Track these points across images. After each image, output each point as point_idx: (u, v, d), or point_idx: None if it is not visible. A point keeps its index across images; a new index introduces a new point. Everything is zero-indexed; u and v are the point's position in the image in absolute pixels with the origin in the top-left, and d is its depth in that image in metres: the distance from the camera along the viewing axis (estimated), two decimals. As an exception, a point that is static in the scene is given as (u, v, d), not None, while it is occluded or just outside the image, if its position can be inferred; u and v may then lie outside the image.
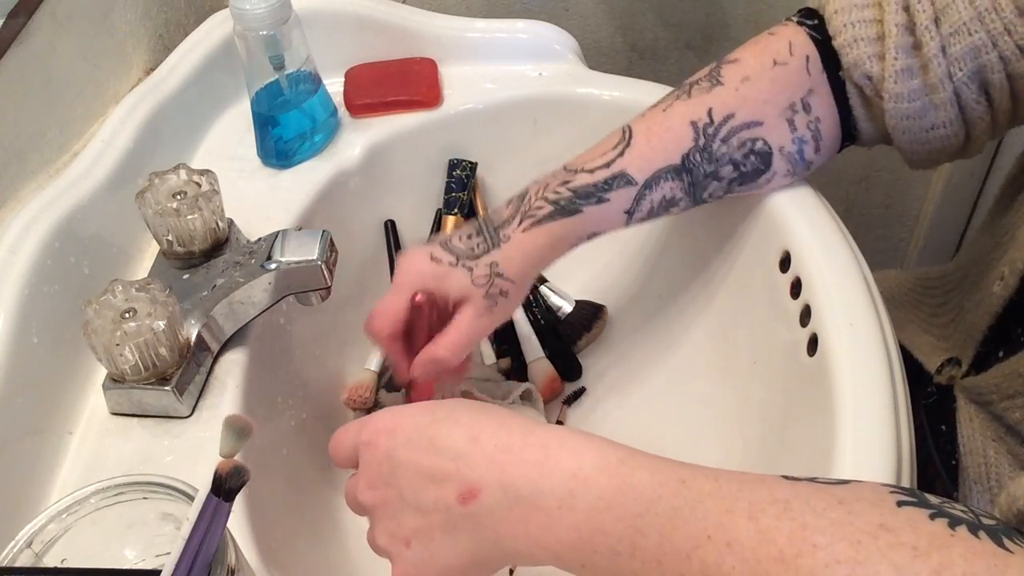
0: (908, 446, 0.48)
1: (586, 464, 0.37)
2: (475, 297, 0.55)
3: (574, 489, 0.37)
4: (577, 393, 0.72)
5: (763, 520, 0.33)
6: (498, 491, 0.38)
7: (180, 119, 0.71)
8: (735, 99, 0.56)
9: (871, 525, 0.32)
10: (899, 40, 0.53)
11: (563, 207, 0.56)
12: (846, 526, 0.32)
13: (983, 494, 0.56)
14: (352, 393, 0.70)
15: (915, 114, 0.54)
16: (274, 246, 0.57)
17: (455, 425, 0.40)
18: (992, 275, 0.56)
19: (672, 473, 0.36)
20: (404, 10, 0.78)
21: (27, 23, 0.58)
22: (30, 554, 0.38)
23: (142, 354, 0.52)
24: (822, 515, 0.33)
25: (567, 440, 0.38)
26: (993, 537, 0.31)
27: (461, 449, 0.39)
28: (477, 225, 0.57)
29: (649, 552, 0.35)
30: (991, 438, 0.56)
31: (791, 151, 0.57)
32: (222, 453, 0.38)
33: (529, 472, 0.38)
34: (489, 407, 0.42)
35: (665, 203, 0.57)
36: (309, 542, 0.59)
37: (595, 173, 0.56)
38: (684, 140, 0.56)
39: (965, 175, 1.08)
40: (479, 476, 0.38)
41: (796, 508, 0.34)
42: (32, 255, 0.54)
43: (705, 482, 0.36)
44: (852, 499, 0.34)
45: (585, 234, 0.57)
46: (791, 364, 0.56)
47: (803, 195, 0.60)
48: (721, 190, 0.58)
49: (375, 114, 0.75)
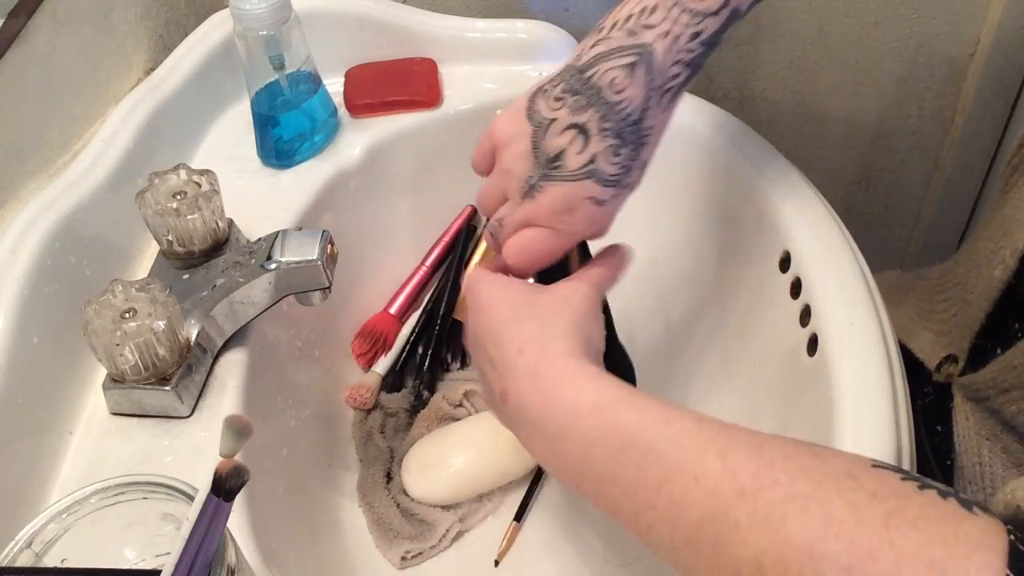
0: (908, 446, 0.48)
1: (583, 403, 0.41)
2: None
3: (568, 424, 0.41)
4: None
5: (731, 457, 0.36)
6: (517, 407, 0.44)
7: (180, 119, 0.71)
8: None
9: (838, 472, 0.34)
10: None
11: (695, 65, 0.47)
12: (812, 469, 0.34)
13: (977, 494, 0.57)
14: (353, 392, 0.70)
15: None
16: (274, 246, 0.57)
17: (517, 330, 0.45)
18: (993, 261, 0.56)
19: (660, 414, 0.39)
20: (404, 10, 0.78)
21: (27, 23, 0.58)
22: (30, 554, 0.38)
23: (142, 354, 0.52)
24: (791, 458, 0.35)
25: (578, 379, 0.42)
26: (962, 504, 0.32)
27: (510, 356, 0.44)
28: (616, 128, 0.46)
29: (627, 482, 0.38)
30: (986, 437, 0.57)
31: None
32: (222, 453, 0.38)
33: (538, 401, 0.42)
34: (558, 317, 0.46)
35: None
36: (309, 542, 0.59)
37: (719, 15, 0.46)
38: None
39: (965, 175, 1.08)
40: (510, 385, 0.44)
41: (768, 450, 0.35)
42: (32, 255, 0.54)
43: (688, 422, 0.38)
44: (828, 454, 0.35)
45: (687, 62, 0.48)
46: (791, 364, 0.56)
47: (803, 195, 0.60)
48: None
49: (375, 114, 0.75)
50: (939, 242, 1.15)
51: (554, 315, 0.46)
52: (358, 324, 0.74)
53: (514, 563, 0.64)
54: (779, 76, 0.97)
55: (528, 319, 0.46)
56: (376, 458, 0.68)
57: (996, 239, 0.58)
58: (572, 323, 0.46)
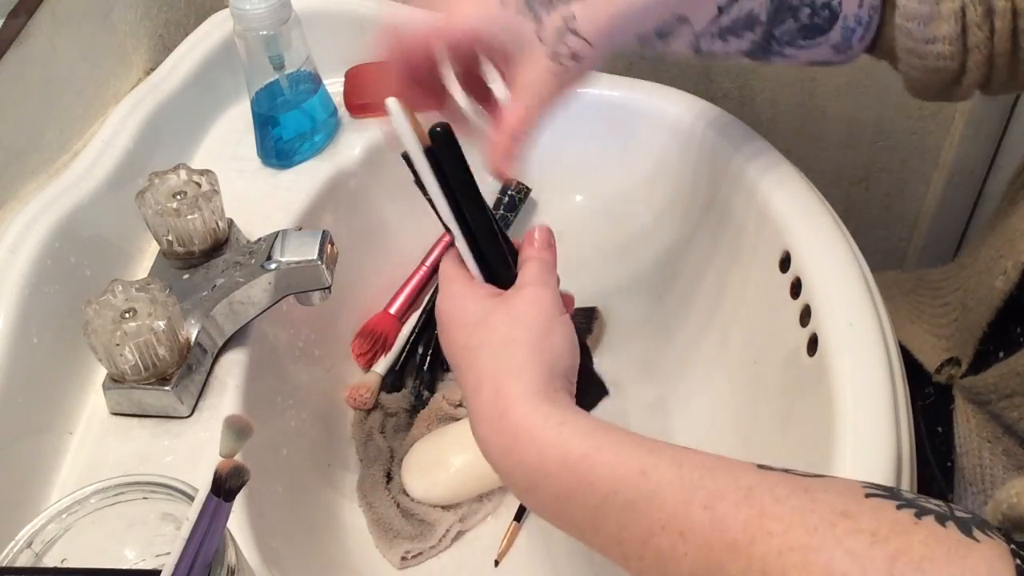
0: (908, 446, 0.48)
1: (549, 460, 0.38)
2: (536, 53, 0.46)
3: (537, 482, 0.39)
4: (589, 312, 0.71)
5: (719, 508, 0.34)
6: (482, 449, 0.41)
7: (180, 119, 0.71)
8: None
9: (832, 513, 0.32)
10: None
11: None
12: (806, 513, 0.32)
13: (978, 495, 0.57)
14: (353, 392, 0.70)
15: (921, 17, 0.52)
16: (274, 246, 0.57)
17: (473, 364, 0.42)
18: (995, 271, 0.56)
19: (635, 464, 0.37)
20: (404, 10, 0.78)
21: (27, 23, 0.58)
22: (30, 554, 0.38)
23: (142, 354, 0.52)
24: (783, 502, 0.33)
25: (536, 431, 0.39)
26: (961, 527, 0.31)
27: (468, 390, 0.42)
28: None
29: (609, 534, 0.37)
30: (987, 439, 0.57)
31: (850, 26, 0.55)
32: (222, 453, 0.38)
33: (499, 455, 0.40)
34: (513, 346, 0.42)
35: (748, 20, 0.53)
36: (309, 542, 0.59)
37: None
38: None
39: (965, 175, 1.08)
40: (474, 424, 0.41)
41: (757, 496, 0.33)
42: (32, 255, 0.54)
43: (667, 470, 0.36)
44: (818, 488, 0.34)
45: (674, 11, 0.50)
46: (791, 364, 0.56)
47: (803, 195, 0.60)
48: (789, 34, 0.55)
49: (375, 114, 0.75)
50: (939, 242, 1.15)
51: (509, 343, 0.42)
52: (358, 324, 0.74)
53: (514, 563, 0.63)
54: (779, 76, 0.97)
55: (480, 349, 0.42)
56: (376, 458, 0.68)
57: (998, 247, 0.58)
58: (530, 350, 0.42)
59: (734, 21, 0.53)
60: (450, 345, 0.45)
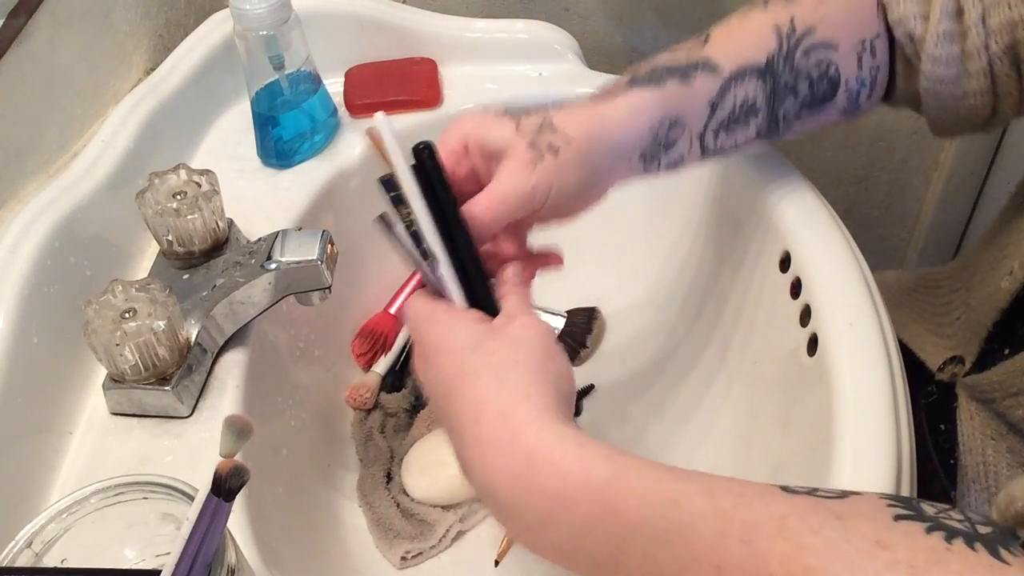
0: (908, 446, 0.48)
1: (571, 485, 0.35)
2: (517, 146, 0.46)
3: (556, 513, 0.35)
4: (585, 390, 0.72)
5: (757, 542, 0.32)
6: (483, 486, 0.38)
7: (180, 119, 0.71)
8: (814, 16, 0.54)
9: (867, 542, 0.31)
10: (944, 3, 0.52)
11: (643, 78, 0.51)
12: (842, 545, 0.31)
13: (980, 493, 0.56)
14: (353, 392, 0.70)
15: (949, 79, 0.53)
16: (274, 246, 0.57)
17: (470, 390, 0.39)
18: (1000, 271, 0.56)
19: (664, 493, 0.34)
20: (404, 10, 0.78)
21: (27, 23, 0.58)
22: (30, 554, 0.38)
23: (142, 354, 0.52)
24: (818, 533, 0.32)
25: (555, 453, 0.36)
26: (990, 548, 0.31)
27: (465, 423, 0.38)
28: None
29: (632, 569, 0.34)
30: (990, 436, 0.56)
31: (853, 88, 0.56)
32: (222, 453, 0.38)
33: (512, 484, 0.36)
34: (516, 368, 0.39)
35: (746, 108, 0.54)
36: (309, 542, 0.59)
37: (676, 55, 0.52)
38: (768, 42, 0.53)
39: (965, 175, 1.08)
40: (471, 461, 0.38)
41: (792, 526, 0.32)
42: (32, 255, 0.54)
43: (699, 500, 0.34)
44: (849, 515, 0.33)
45: (663, 115, 0.51)
46: (791, 364, 0.56)
47: (803, 195, 0.60)
48: (793, 111, 0.56)
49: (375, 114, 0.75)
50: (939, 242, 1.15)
51: (512, 364, 0.40)
52: (358, 324, 0.74)
53: (514, 563, 0.63)
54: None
55: (479, 373, 0.39)
56: (376, 458, 0.68)
57: (1003, 247, 0.58)
58: (534, 371, 0.39)
59: (731, 113, 0.53)
60: (439, 374, 0.41)
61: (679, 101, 0.51)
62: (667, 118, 0.51)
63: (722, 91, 0.52)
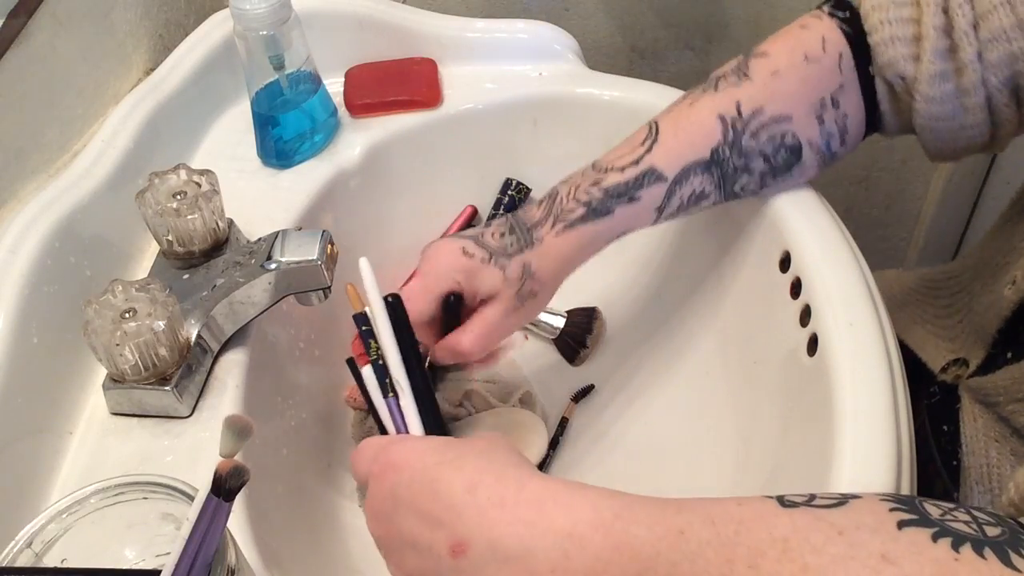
0: (908, 446, 0.48)
1: (581, 522, 0.36)
2: (505, 295, 0.56)
3: (569, 551, 0.36)
4: (585, 390, 0.72)
5: (763, 566, 0.33)
6: (487, 549, 0.37)
7: (180, 119, 0.71)
8: (764, 94, 0.55)
9: (873, 557, 0.31)
10: (936, 43, 0.51)
11: (595, 208, 0.56)
12: (848, 562, 0.31)
13: (984, 495, 0.56)
14: (353, 392, 0.70)
15: (946, 116, 0.54)
16: (274, 246, 0.57)
17: (458, 472, 0.39)
18: (1004, 278, 0.56)
19: (670, 524, 0.35)
20: (404, 10, 0.78)
21: (27, 23, 0.59)
22: (30, 554, 0.38)
23: (142, 354, 0.52)
24: (822, 552, 0.32)
25: (561, 495, 0.37)
26: (999, 554, 0.30)
27: (457, 499, 0.38)
28: (509, 224, 0.57)
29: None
30: (994, 438, 0.56)
31: (819, 144, 0.57)
32: (222, 453, 0.38)
33: (520, 531, 0.37)
34: (501, 450, 0.41)
35: (695, 197, 0.57)
36: (309, 542, 0.59)
37: (625, 172, 0.56)
38: (712, 134, 0.56)
39: (965, 175, 1.08)
40: (468, 531, 0.38)
41: (795, 547, 0.33)
42: (32, 255, 0.54)
43: (703, 529, 0.35)
44: (851, 527, 0.33)
45: (616, 234, 0.57)
46: (791, 364, 0.56)
47: (803, 195, 0.60)
48: (753, 183, 0.58)
49: (375, 114, 0.75)
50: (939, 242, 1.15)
51: (494, 448, 0.41)
52: (358, 324, 0.74)
53: None
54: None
55: (465, 457, 0.40)
56: (376, 458, 0.68)
57: (1005, 253, 0.58)
58: (516, 454, 0.41)
59: (680, 206, 0.57)
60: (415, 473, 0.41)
61: (628, 218, 0.56)
62: (618, 233, 0.57)
63: (668, 195, 0.56)
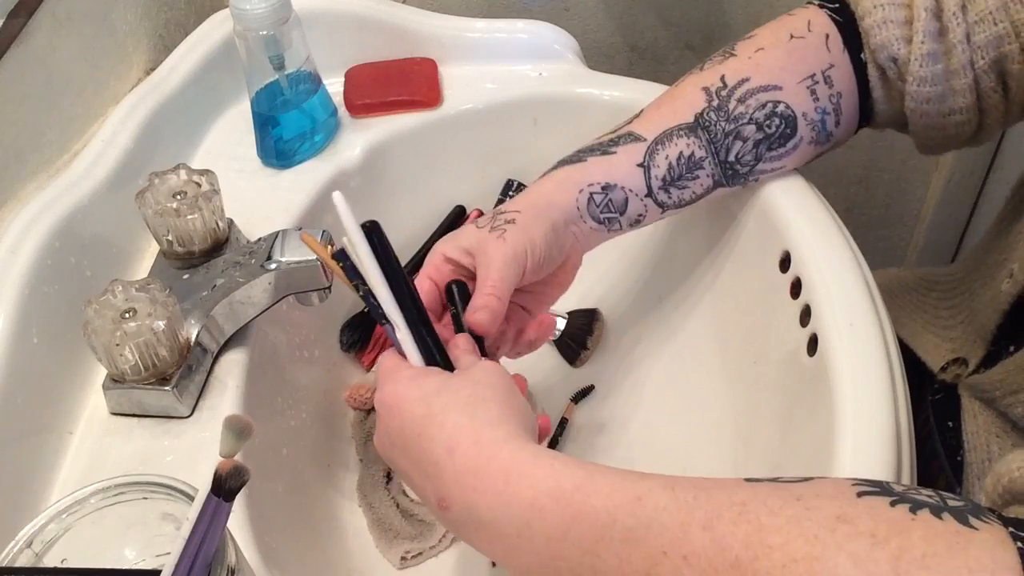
0: (908, 446, 0.48)
1: (543, 493, 0.38)
2: (483, 234, 0.53)
3: (530, 520, 0.38)
4: (585, 391, 0.72)
5: (718, 527, 0.34)
6: (464, 511, 0.40)
7: (180, 119, 0.71)
8: (748, 65, 0.56)
9: (828, 518, 0.32)
10: (927, 24, 0.53)
11: (567, 159, 0.57)
12: (803, 522, 0.32)
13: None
14: (353, 392, 0.70)
15: (935, 98, 0.55)
16: (274, 246, 0.57)
17: (440, 429, 0.41)
18: (1001, 273, 0.57)
19: (629, 492, 0.36)
20: (404, 10, 0.78)
21: (27, 23, 0.58)
22: (30, 554, 0.38)
23: (142, 354, 0.52)
24: (778, 513, 0.33)
25: (527, 467, 0.39)
26: (957, 517, 0.31)
27: (438, 458, 0.41)
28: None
29: (609, 571, 0.36)
30: (995, 434, 0.57)
31: (814, 119, 0.57)
32: (222, 453, 0.38)
33: (489, 501, 0.39)
34: (484, 404, 0.42)
35: (686, 161, 0.57)
36: (309, 542, 0.59)
37: (602, 137, 0.58)
38: (696, 102, 0.57)
39: (965, 175, 1.08)
40: (449, 491, 0.40)
41: (752, 509, 0.34)
42: (32, 255, 0.54)
43: (661, 495, 0.36)
44: (810, 495, 0.34)
45: (591, 179, 0.56)
46: (791, 364, 0.56)
47: (803, 195, 0.60)
48: (749, 154, 0.57)
49: (375, 114, 0.75)
50: (939, 242, 1.15)
51: (479, 400, 0.42)
52: (358, 324, 0.74)
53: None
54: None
55: (447, 412, 0.42)
56: (376, 458, 0.68)
57: (1002, 250, 0.58)
58: (501, 405, 0.42)
59: (670, 169, 0.57)
60: (403, 422, 0.43)
61: (603, 168, 0.56)
62: (596, 183, 0.56)
63: (650, 153, 0.56)
